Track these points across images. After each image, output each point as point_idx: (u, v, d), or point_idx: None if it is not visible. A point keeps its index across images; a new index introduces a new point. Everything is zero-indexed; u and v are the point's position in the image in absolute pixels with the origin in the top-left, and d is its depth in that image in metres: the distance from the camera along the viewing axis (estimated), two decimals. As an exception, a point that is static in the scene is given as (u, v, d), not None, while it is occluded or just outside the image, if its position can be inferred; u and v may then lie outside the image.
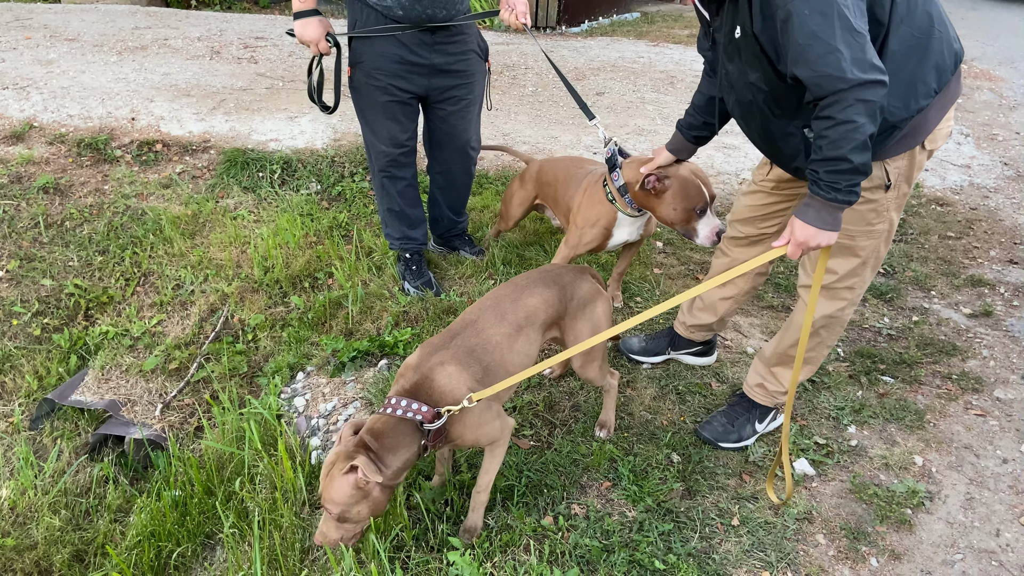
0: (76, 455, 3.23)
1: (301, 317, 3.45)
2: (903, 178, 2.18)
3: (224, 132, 4.98)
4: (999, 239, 4.34)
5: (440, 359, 2.07)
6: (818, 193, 1.93)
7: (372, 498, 1.93)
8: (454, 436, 2.08)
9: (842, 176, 1.87)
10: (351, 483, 1.89)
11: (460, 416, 2.05)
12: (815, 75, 1.81)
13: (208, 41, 6.90)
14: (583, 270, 2.47)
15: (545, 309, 2.29)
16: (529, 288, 2.30)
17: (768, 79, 2.02)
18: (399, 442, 1.95)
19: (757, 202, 2.65)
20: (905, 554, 2.33)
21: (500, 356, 2.15)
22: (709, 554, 2.29)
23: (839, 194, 1.90)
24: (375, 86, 3.13)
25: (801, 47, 1.81)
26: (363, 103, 3.21)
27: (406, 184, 3.44)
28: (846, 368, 3.17)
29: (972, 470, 2.68)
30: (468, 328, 2.16)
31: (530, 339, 2.24)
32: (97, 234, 4.10)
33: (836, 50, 1.77)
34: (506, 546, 2.23)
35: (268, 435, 2.79)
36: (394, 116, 3.21)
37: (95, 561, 2.79)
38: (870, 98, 1.79)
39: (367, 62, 3.09)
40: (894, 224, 2.30)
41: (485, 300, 2.28)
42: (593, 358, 2.50)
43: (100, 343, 3.55)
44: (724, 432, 2.70)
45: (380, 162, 3.35)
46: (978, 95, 6.88)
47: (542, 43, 8.07)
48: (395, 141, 3.28)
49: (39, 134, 4.85)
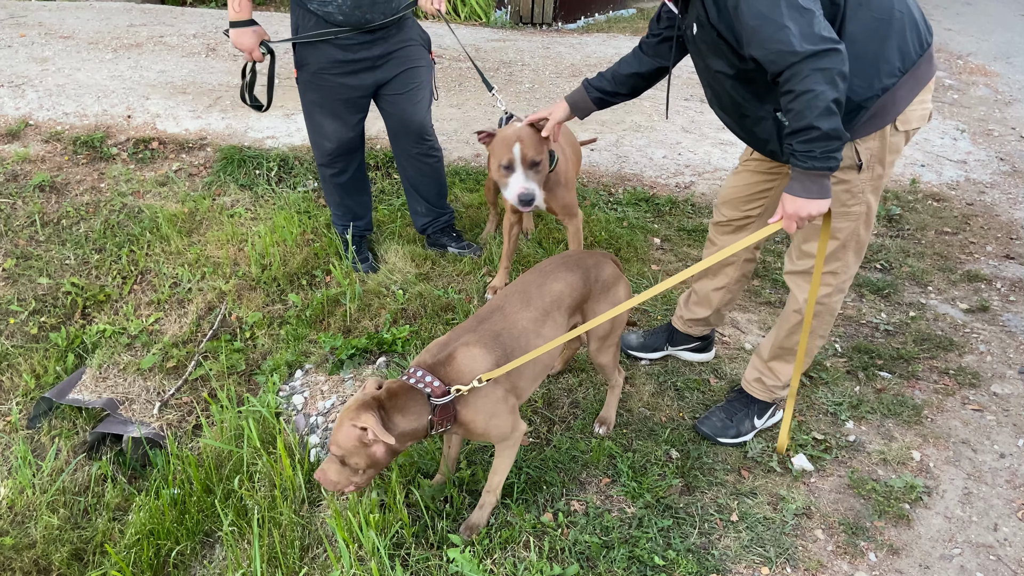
0: (74, 454, 3.22)
1: (299, 315, 3.45)
2: (876, 159, 2.23)
3: (220, 129, 4.97)
4: (995, 234, 4.35)
5: (466, 340, 2.11)
6: (797, 164, 2.01)
7: (371, 452, 1.98)
8: (464, 420, 2.08)
9: (815, 144, 1.94)
10: (357, 435, 1.94)
11: (472, 400, 2.06)
12: (768, 52, 1.92)
13: (204, 38, 6.88)
14: (604, 255, 2.52)
15: (570, 293, 2.33)
16: (554, 273, 2.34)
17: (732, 65, 2.12)
18: (408, 408, 2.00)
19: (741, 182, 2.68)
20: (903, 549, 2.34)
21: (526, 342, 2.17)
22: (708, 550, 2.29)
23: (816, 161, 1.96)
24: (323, 86, 3.28)
25: (752, 28, 1.93)
26: (311, 102, 3.37)
27: (349, 176, 3.61)
28: (843, 364, 3.18)
29: (970, 465, 2.69)
30: (495, 313, 2.20)
31: (557, 324, 2.27)
32: (94, 232, 4.09)
33: (784, 27, 1.87)
34: (506, 543, 2.23)
35: (267, 433, 2.79)
36: (341, 114, 3.37)
37: (94, 560, 2.78)
38: (826, 66, 1.87)
39: (312, 64, 3.24)
40: (872, 208, 2.34)
41: (511, 286, 2.32)
42: (610, 343, 2.52)
43: (97, 341, 3.54)
44: (723, 428, 2.71)
45: (326, 158, 3.52)
46: (974, 90, 6.89)
47: (538, 39, 8.06)
48: (341, 137, 3.44)
49: (34, 132, 4.83)
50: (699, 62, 2.27)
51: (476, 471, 2.47)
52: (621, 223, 4.13)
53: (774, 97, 2.11)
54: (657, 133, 5.37)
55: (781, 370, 2.67)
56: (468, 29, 8.30)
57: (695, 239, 4.08)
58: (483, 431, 2.13)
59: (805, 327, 2.40)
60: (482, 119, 5.41)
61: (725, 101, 2.29)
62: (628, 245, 3.87)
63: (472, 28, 8.44)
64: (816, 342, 2.60)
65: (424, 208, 3.75)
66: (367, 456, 1.99)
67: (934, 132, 5.73)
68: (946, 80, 7.12)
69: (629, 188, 4.58)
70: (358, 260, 3.69)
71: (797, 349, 2.58)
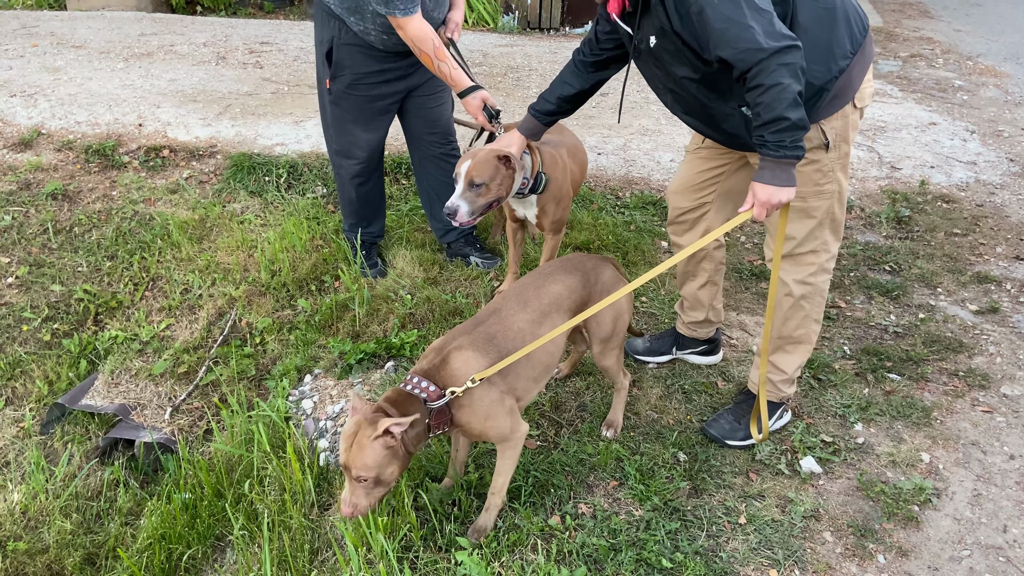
0: (87, 459, 3.25)
1: (308, 320, 3.47)
2: (841, 138, 2.37)
3: (230, 137, 5.01)
4: (1005, 235, 4.33)
5: (459, 343, 2.13)
6: (768, 154, 2.10)
7: (400, 457, 1.99)
8: (461, 421, 2.10)
9: (785, 134, 2.05)
10: (382, 445, 1.95)
11: (467, 402, 2.08)
12: (737, 52, 2.03)
13: (214, 47, 6.94)
14: (605, 259, 2.55)
15: (569, 295, 2.35)
16: (552, 276, 2.37)
17: (696, 68, 2.23)
18: (410, 412, 2.01)
19: (693, 170, 2.74)
20: (912, 551, 2.34)
21: (522, 343, 2.18)
22: (716, 552, 2.29)
23: (786, 150, 2.07)
24: (359, 96, 3.30)
25: (719, 31, 2.04)
26: (343, 112, 3.36)
27: (372, 184, 3.64)
28: (852, 366, 3.17)
29: (979, 467, 2.68)
30: (492, 316, 2.22)
31: (555, 326, 2.28)
32: (106, 239, 4.13)
33: (749, 27, 2.00)
34: (514, 546, 2.24)
35: (276, 437, 2.81)
36: (373, 122, 3.39)
37: (106, 564, 2.81)
38: (789, 60, 2.00)
39: (348, 74, 3.25)
40: (843, 186, 2.46)
41: (510, 289, 2.35)
42: (612, 346, 2.54)
43: (109, 348, 3.57)
44: (731, 430, 2.71)
45: (356, 167, 3.53)
46: (983, 91, 6.86)
47: (545, 44, 8.08)
48: (372, 145, 3.47)
49: (47, 141, 4.89)
50: (657, 72, 2.37)
51: (484, 474, 2.48)
52: (628, 227, 4.14)
53: (738, 94, 2.22)
54: (664, 137, 5.37)
55: (782, 361, 2.68)
56: (476, 35, 8.34)
57: (703, 242, 4.08)
58: (480, 432, 2.15)
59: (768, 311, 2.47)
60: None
61: (691, 104, 2.39)
62: (635, 249, 3.88)
63: (480, 34, 8.48)
64: (812, 327, 2.64)
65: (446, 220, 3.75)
66: (398, 463, 2.00)
67: (944, 133, 5.71)
68: (956, 81, 7.10)
69: (636, 192, 4.58)
70: (367, 265, 3.71)
71: (795, 335, 2.63)
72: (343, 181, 3.61)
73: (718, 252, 2.92)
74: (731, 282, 3.73)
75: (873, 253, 4.07)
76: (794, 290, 2.56)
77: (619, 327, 2.52)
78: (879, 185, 4.85)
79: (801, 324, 2.60)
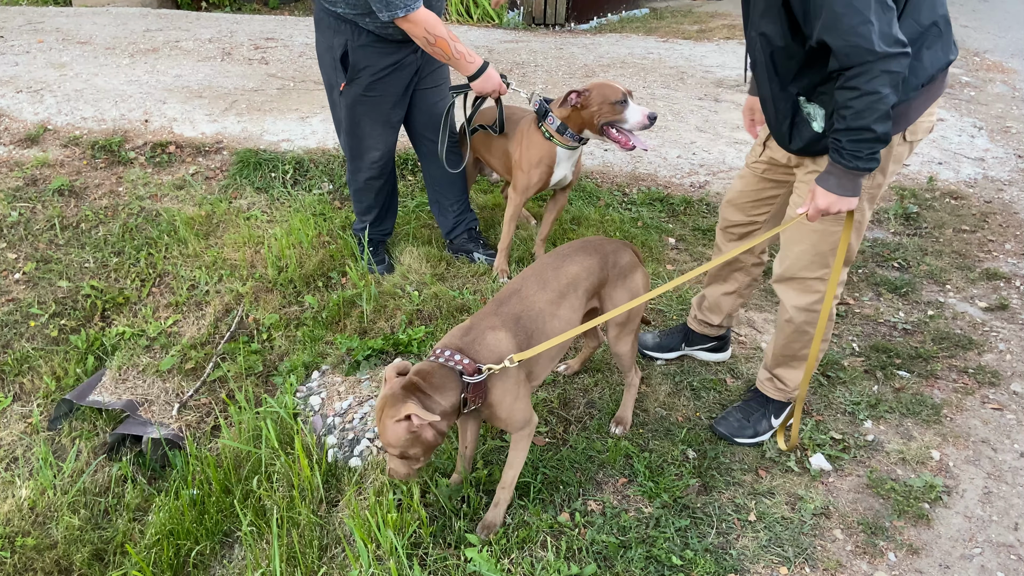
0: (94, 455, 3.25)
1: (315, 316, 3.47)
2: (879, 169, 2.21)
3: (236, 133, 5.00)
4: (1014, 232, 4.31)
5: (491, 324, 2.14)
6: (839, 162, 1.99)
7: (424, 439, 1.99)
8: (493, 400, 2.10)
9: (864, 145, 1.94)
10: (404, 428, 1.95)
11: (500, 382, 2.09)
12: (845, 44, 1.85)
13: (219, 43, 6.94)
14: (623, 243, 2.55)
15: (587, 276, 2.36)
16: (571, 256, 2.38)
17: (783, 35, 2.04)
18: (445, 384, 2.01)
19: (748, 187, 2.66)
20: (923, 548, 2.33)
21: (543, 323, 2.21)
22: (726, 549, 2.29)
23: (860, 162, 1.97)
24: (375, 94, 3.29)
25: (836, 15, 1.84)
26: (361, 113, 3.34)
27: (387, 181, 3.62)
28: (861, 363, 3.16)
29: (989, 464, 2.67)
30: (513, 296, 2.23)
31: (573, 306, 2.30)
32: (112, 235, 4.13)
33: (868, 21, 1.81)
34: (523, 542, 2.24)
35: (284, 434, 2.81)
36: (389, 116, 3.39)
37: (114, 560, 2.81)
38: (895, 69, 1.84)
39: (366, 73, 3.23)
40: (865, 216, 2.32)
41: (528, 270, 2.35)
42: (628, 331, 2.54)
43: (117, 344, 3.57)
44: (740, 427, 2.70)
45: (374, 167, 3.51)
46: (991, 87, 6.83)
47: (551, 40, 8.06)
48: (388, 141, 3.46)
49: (53, 137, 4.89)
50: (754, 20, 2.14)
51: (493, 470, 2.48)
52: (636, 223, 4.13)
53: (806, 82, 2.08)
54: (671, 133, 5.36)
55: (787, 376, 2.67)
56: (481, 31, 8.32)
57: (710, 239, 4.07)
58: (507, 415, 2.15)
59: (818, 334, 2.39)
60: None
61: (758, 68, 2.22)
62: (643, 245, 3.87)
63: (485, 30, 8.46)
64: (820, 345, 2.57)
65: (455, 208, 3.74)
66: (422, 443, 2.01)
67: (951, 130, 5.68)
68: (963, 77, 7.06)
69: (643, 188, 4.57)
70: (375, 262, 3.71)
71: (800, 354, 2.58)
72: (360, 183, 3.58)
73: (755, 269, 2.85)
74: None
75: (881, 250, 4.06)
76: (794, 317, 2.49)
77: (635, 312, 2.52)
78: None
79: (806, 345, 2.55)
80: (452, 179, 3.65)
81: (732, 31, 8.72)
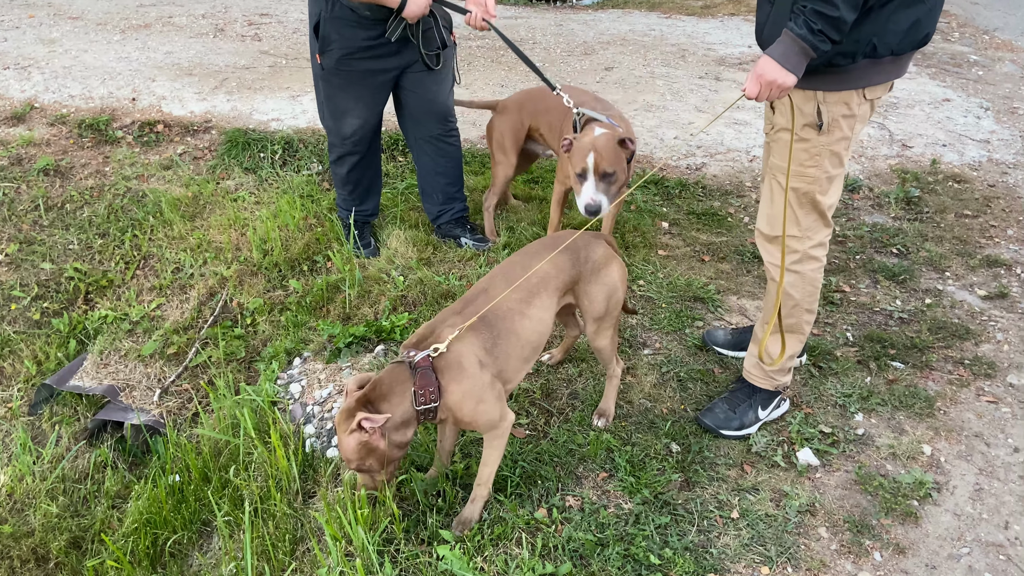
0: (75, 440, 3.22)
1: (300, 301, 3.41)
2: (836, 124, 2.23)
3: (226, 112, 4.92)
4: (1017, 217, 4.20)
5: (453, 323, 2.09)
6: (792, 28, 1.99)
7: (379, 451, 1.98)
8: (451, 403, 2.04)
9: (822, 19, 1.95)
10: (356, 440, 1.95)
11: (457, 383, 2.03)
12: None
13: (212, 18, 6.82)
14: (596, 235, 2.48)
15: (557, 274, 2.30)
16: (541, 254, 2.32)
17: None
18: (393, 389, 1.99)
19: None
20: (910, 548, 2.27)
21: (511, 323, 2.16)
22: (707, 548, 2.23)
23: (809, 34, 1.97)
24: (349, 71, 3.22)
25: None
26: (335, 88, 3.29)
27: (367, 162, 3.55)
28: (855, 353, 3.09)
29: (982, 460, 2.60)
30: (481, 296, 2.18)
31: (544, 305, 2.24)
32: (97, 217, 4.07)
33: None
34: (498, 539, 2.19)
35: (263, 422, 2.76)
36: (367, 98, 3.31)
37: (92, 548, 2.78)
38: None
39: (337, 48, 3.18)
40: (831, 175, 2.33)
41: (496, 269, 2.31)
42: (607, 325, 2.47)
43: (99, 327, 3.53)
44: (726, 419, 2.64)
45: (347, 144, 3.44)
46: (999, 67, 6.67)
47: (551, 16, 7.91)
48: (366, 121, 3.38)
49: (40, 115, 4.81)
50: None
51: (470, 464, 2.42)
52: (628, 207, 4.04)
53: None
54: (669, 113, 5.25)
55: (774, 350, 2.59)
56: (481, 6, 8.17)
57: (704, 223, 3.98)
58: (471, 418, 2.09)
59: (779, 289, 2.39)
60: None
61: None
62: (634, 229, 3.78)
63: (485, 5, 8.30)
64: (804, 316, 2.52)
65: (440, 196, 3.66)
66: (377, 455, 2.00)
67: (957, 110, 5.55)
68: (971, 56, 6.90)
69: (638, 170, 4.47)
70: (360, 245, 3.63)
71: (786, 323, 2.52)
72: (334, 156, 3.53)
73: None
74: (732, 264, 3.64)
75: (880, 235, 3.97)
76: (776, 277, 2.46)
77: (612, 306, 2.44)
78: (889, 164, 4.72)
79: (791, 313, 2.50)
80: (441, 166, 3.57)
81: (737, 7, 8.54)
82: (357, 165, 3.52)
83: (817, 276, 2.47)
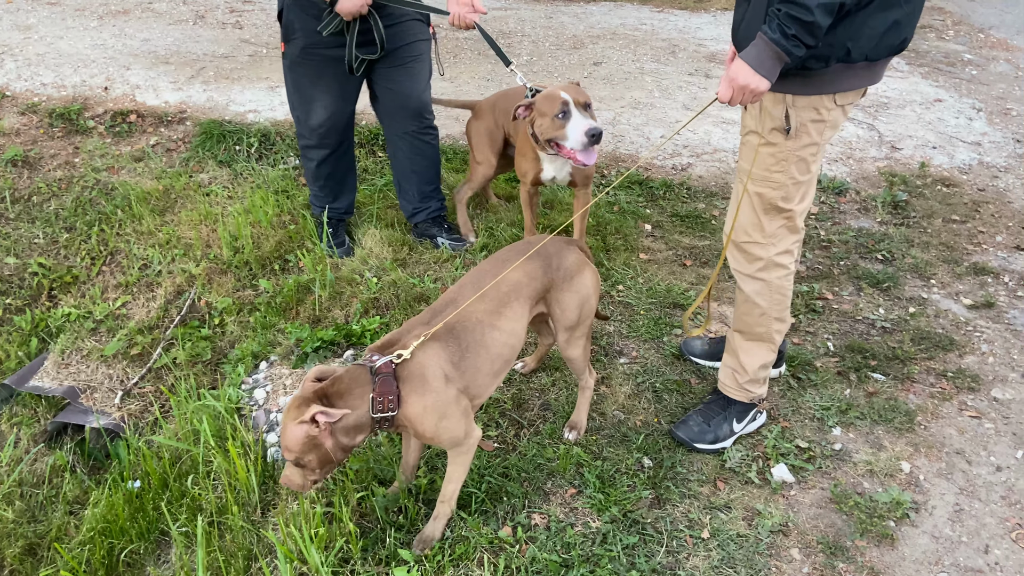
0: (34, 443, 3.13)
1: (269, 301, 3.31)
2: (805, 129, 2.17)
3: (201, 102, 4.80)
4: (1006, 223, 4.13)
5: (419, 333, 2.00)
6: (766, 32, 1.94)
7: (322, 450, 1.90)
8: (412, 416, 1.96)
9: (796, 24, 1.89)
10: (303, 432, 1.86)
11: (418, 396, 1.95)
12: None
13: (193, 4, 6.68)
14: (568, 241, 2.40)
15: (529, 282, 2.21)
16: (510, 262, 2.23)
17: None
18: (351, 390, 1.91)
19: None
20: (884, 572, 2.20)
21: (480, 335, 2.07)
22: (675, 570, 2.16)
23: (783, 38, 1.92)
24: (315, 61, 3.13)
25: None
26: (300, 76, 3.20)
27: (339, 156, 3.45)
28: (835, 364, 3.01)
29: (963, 478, 2.53)
30: (449, 307, 2.09)
31: (515, 315, 2.16)
32: (64, 210, 3.96)
33: None
34: (459, 559, 2.11)
35: (225, 428, 2.67)
36: (334, 88, 3.21)
37: (47, 556, 2.70)
38: None
39: (300, 38, 3.09)
40: (800, 183, 2.26)
41: (465, 278, 2.22)
42: (579, 335, 2.39)
43: (62, 326, 3.43)
44: (700, 432, 2.56)
45: (315, 136, 3.34)
46: (993, 66, 6.59)
47: (542, 8, 7.79)
48: (335, 112, 3.28)
49: (11, 104, 4.69)
50: None
51: (435, 478, 2.34)
52: (611, 207, 3.95)
53: None
54: (656, 111, 5.15)
55: (745, 359, 2.51)
56: (470, -4, 8.04)
57: (688, 225, 3.90)
58: (433, 434, 2.00)
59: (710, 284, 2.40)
60: (475, 93, 5.21)
61: None
62: (616, 231, 3.70)
63: (474, -5, 8.18)
64: (773, 325, 2.45)
65: (416, 194, 3.55)
66: (319, 453, 1.90)
67: (949, 112, 5.47)
68: (965, 55, 6.82)
69: (623, 169, 4.38)
70: (333, 244, 3.53)
71: (755, 331, 2.46)
72: (306, 152, 3.42)
73: None
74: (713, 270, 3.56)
75: (866, 240, 3.89)
76: (743, 285, 2.41)
77: (585, 314, 2.36)
78: (877, 166, 4.64)
79: (759, 322, 2.43)
80: (417, 164, 3.47)
81: (731, 1, 8.43)
82: (327, 159, 3.41)
83: (785, 284, 2.40)
